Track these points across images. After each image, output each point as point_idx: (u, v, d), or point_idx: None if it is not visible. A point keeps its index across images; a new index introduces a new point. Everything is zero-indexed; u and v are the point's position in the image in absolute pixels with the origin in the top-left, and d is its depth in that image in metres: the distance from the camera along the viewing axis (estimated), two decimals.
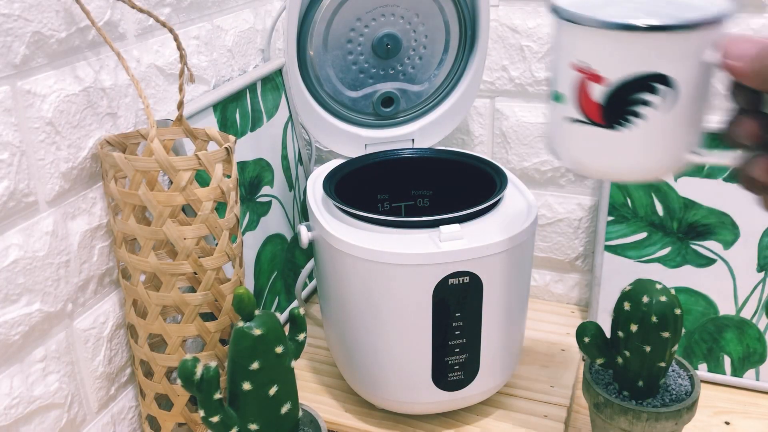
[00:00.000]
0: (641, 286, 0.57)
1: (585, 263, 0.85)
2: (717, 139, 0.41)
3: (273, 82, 0.80)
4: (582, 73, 0.42)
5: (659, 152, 0.43)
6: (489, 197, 0.62)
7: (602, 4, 0.43)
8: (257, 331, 0.47)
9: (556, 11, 0.42)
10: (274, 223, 0.79)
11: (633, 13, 0.42)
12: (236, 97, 0.73)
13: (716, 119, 0.41)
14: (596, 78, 0.41)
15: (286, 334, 0.51)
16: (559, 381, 0.72)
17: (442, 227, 0.58)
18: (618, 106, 0.41)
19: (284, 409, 0.50)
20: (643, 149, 0.42)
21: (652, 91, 0.40)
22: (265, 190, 0.77)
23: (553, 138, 0.47)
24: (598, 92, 0.42)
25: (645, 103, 0.41)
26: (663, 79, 0.40)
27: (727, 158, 0.40)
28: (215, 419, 0.47)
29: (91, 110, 0.55)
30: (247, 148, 0.74)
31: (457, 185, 0.72)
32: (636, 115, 0.41)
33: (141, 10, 0.55)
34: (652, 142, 0.42)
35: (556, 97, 0.45)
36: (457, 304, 0.59)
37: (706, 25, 0.39)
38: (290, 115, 0.83)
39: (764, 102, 0.38)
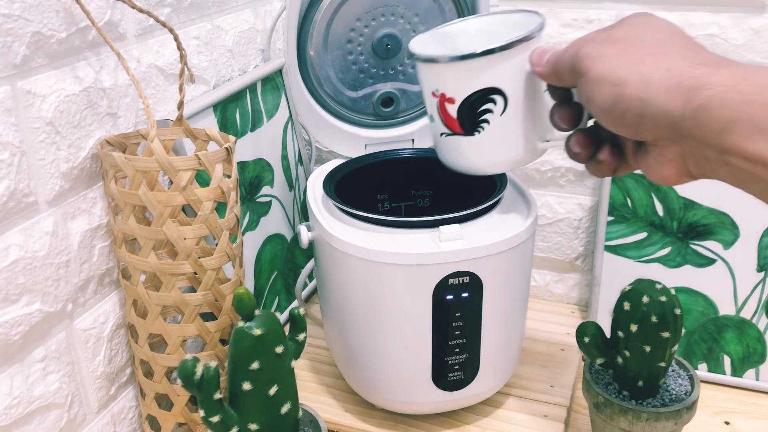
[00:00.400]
0: (641, 286, 0.57)
1: (585, 263, 0.85)
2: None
3: (273, 82, 0.80)
4: (439, 98, 0.54)
5: (511, 146, 0.55)
6: (489, 197, 0.62)
7: (443, 42, 0.58)
8: (257, 331, 0.47)
9: (413, 55, 0.54)
10: (274, 223, 0.79)
11: (463, 47, 0.55)
12: (236, 97, 0.73)
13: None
14: (449, 100, 0.53)
15: (286, 334, 0.51)
16: (559, 381, 0.72)
17: (442, 227, 0.58)
18: (469, 118, 0.53)
19: (284, 409, 0.50)
20: (498, 146, 0.55)
21: (491, 101, 0.52)
22: (265, 190, 0.77)
23: (437, 149, 0.59)
24: (453, 110, 0.53)
25: (488, 111, 0.52)
26: (496, 91, 0.52)
27: (561, 140, 0.50)
28: (215, 419, 0.47)
29: (91, 110, 0.55)
30: (247, 148, 0.74)
31: (457, 185, 0.72)
32: (485, 121, 0.53)
33: (141, 10, 0.55)
34: (503, 139, 0.54)
35: (431, 119, 0.57)
36: (457, 304, 0.59)
37: (515, 45, 0.50)
38: (290, 115, 0.83)
39: (571, 95, 0.49)
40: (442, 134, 0.56)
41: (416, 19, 0.71)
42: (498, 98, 0.52)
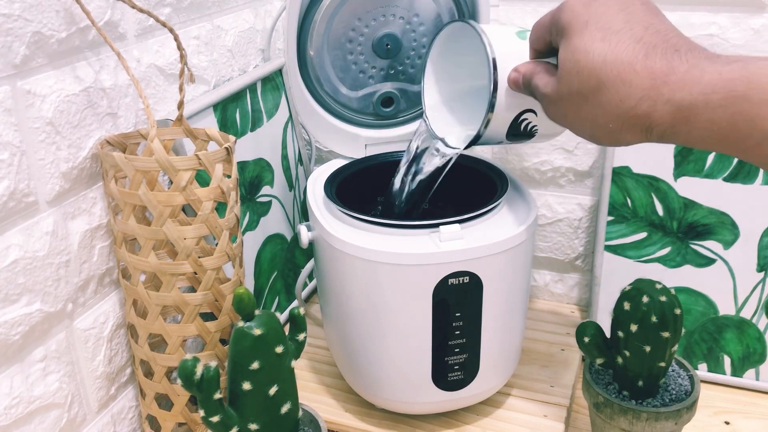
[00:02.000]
0: (641, 286, 0.57)
1: (585, 263, 0.85)
2: None
3: (273, 82, 0.80)
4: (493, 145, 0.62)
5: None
6: (489, 199, 0.62)
7: (447, 108, 0.64)
8: (257, 331, 0.47)
9: (470, 142, 0.58)
10: (274, 223, 0.79)
11: (463, 99, 0.63)
12: (236, 97, 0.73)
13: None
14: (499, 143, 0.59)
15: (286, 334, 0.51)
16: (559, 381, 0.72)
17: (442, 227, 0.58)
18: (523, 134, 0.58)
19: (284, 409, 0.50)
20: (552, 129, 0.58)
21: (524, 120, 0.56)
22: (265, 190, 0.77)
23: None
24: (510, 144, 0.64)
25: (530, 122, 0.56)
26: (520, 114, 0.55)
27: None
28: (215, 419, 0.47)
29: (91, 110, 0.55)
30: (247, 148, 0.74)
31: (457, 187, 0.72)
32: (534, 126, 0.57)
33: (141, 10, 0.55)
34: (551, 124, 0.57)
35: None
36: (457, 304, 0.59)
37: (495, 91, 0.53)
38: (290, 115, 0.83)
39: None
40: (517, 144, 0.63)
41: (416, 19, 0.71)
42: (525, 114, 0.56)
